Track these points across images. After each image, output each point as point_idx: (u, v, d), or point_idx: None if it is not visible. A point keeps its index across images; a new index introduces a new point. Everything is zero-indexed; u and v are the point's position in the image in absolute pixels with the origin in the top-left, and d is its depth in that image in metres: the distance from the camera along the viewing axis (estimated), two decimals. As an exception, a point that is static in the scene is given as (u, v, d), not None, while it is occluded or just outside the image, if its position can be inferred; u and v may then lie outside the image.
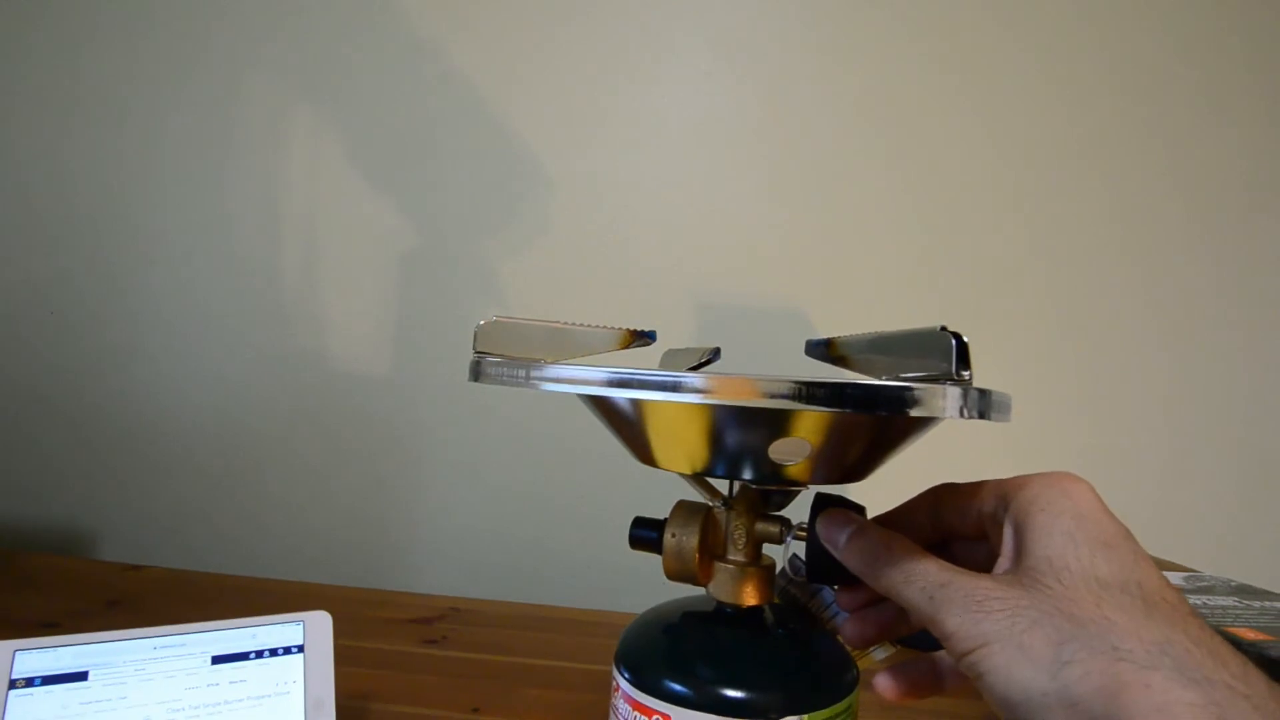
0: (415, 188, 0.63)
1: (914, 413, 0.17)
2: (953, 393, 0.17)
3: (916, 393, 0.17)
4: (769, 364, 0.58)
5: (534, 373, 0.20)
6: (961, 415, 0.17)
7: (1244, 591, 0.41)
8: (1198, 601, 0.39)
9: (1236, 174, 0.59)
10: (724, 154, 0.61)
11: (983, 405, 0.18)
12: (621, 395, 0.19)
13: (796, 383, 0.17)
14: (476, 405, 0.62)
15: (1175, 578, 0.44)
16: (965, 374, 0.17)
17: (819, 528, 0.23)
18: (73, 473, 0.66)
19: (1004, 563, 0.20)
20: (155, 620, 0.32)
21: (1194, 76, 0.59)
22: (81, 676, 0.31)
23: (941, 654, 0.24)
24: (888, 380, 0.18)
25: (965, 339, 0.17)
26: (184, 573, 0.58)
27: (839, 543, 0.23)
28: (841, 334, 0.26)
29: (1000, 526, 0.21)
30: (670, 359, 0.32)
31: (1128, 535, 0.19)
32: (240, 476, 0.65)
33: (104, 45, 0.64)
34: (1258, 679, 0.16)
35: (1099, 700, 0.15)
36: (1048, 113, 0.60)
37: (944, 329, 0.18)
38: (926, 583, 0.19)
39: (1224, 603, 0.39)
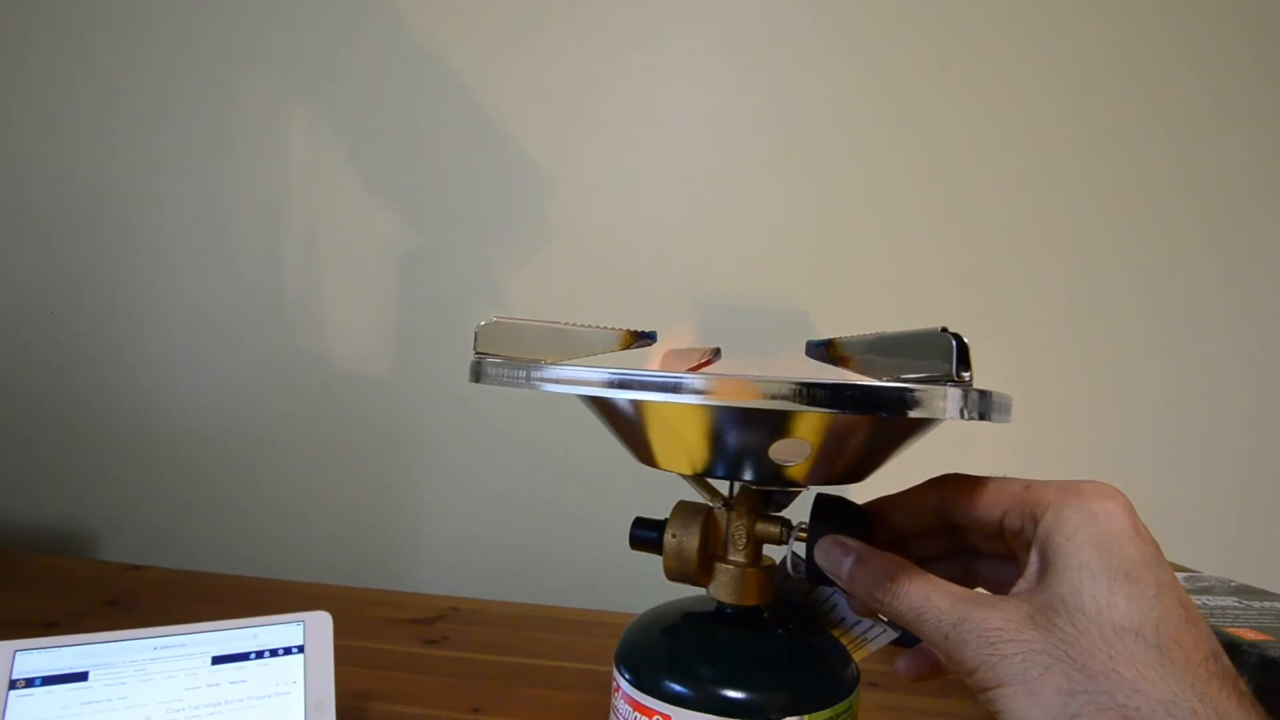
0: (415, 189, 0.63)
1: (914, 414, 0.17)
2: (953, 394, 0.17)
3: (917, 394, 0.17)
4: (770, 365, 0.58)
5: (534, 373, 0.20)
6: (962, 416, 0.17)
7: (1244, 591, 0.41)
8: (1198, 601, 0.39)
9: (1244, 174, 0.59)
10: (724, 154, 0.61)
11: (983, 406, 0.18)
12: (622, 396, 0.19)
13: (797, 384, 0.17)
14: (476, 406, 0.62)
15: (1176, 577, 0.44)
16: (966, 375, 0.18)
17: (818, 559, 0.23)
18: (72, 473, 0.66)
19: (1023, 584, 0.20)
20: (155, 620, 0.32)
21: (1202, 76, 0.59)
22: (82, 677, 0.31)
23: None
24: (888, 381, 0.18)
25: (966, 340, 0.17)
26: (184, 573, 0.58)
27: (841, 573, 0.23)
28: (843, 335, 0.26)
29: (1027, 545, 0.20)
30: (670, 359, 0.32)
31: (1153, 560, 0.18)
32: (240, 477, 0.65)
33: (102, 46, 0.64)
34: None
35: None
36: (1055, 111, 0.59)
37: (944, 330, 0.18)
38: (940, 621, 0.19)
39: (1224, 603, 0.39)
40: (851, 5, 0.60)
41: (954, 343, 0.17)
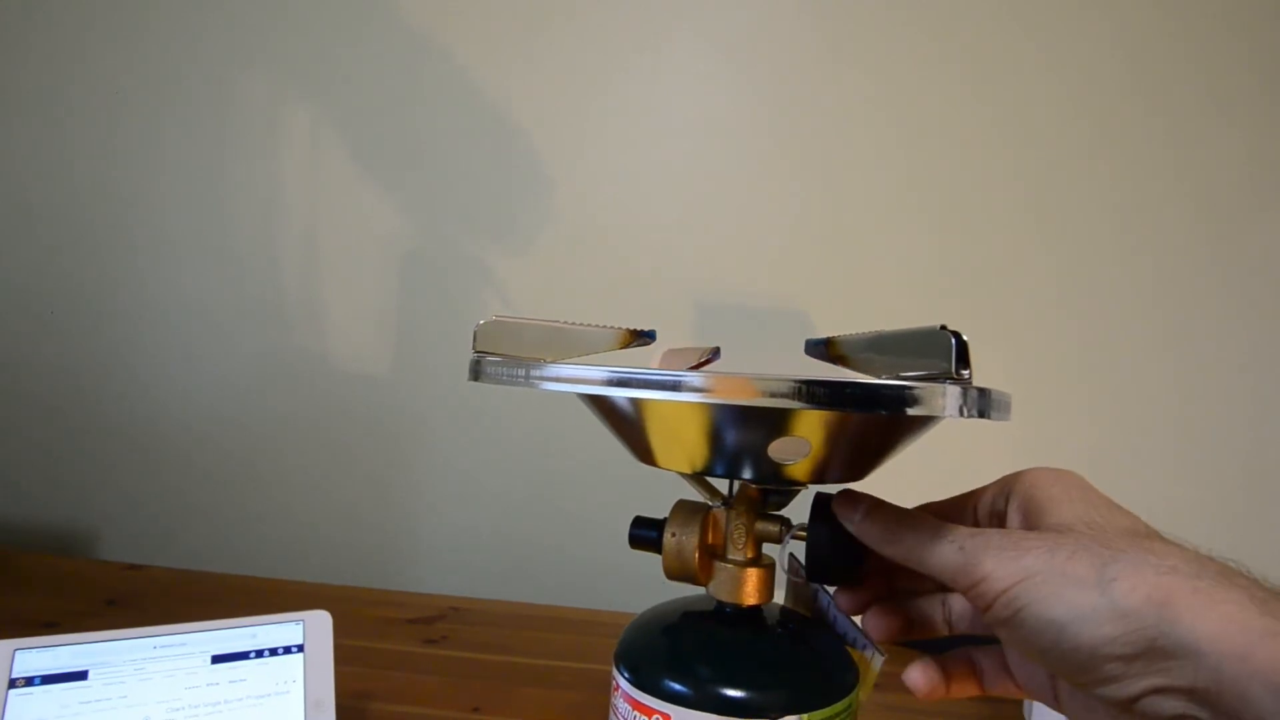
0: (415, 188, 0.63)
1: (913, 412, 0.17)
2: (952, 392, 0.17)
3: (916, 392, 0.17)
4: (769, 364, 0.58)
5: (534, 372, 0.20)
6: (961, 414, 0.17)
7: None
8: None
9: (1243, 173, 0.59)
10: (724, 152, 0.61)
11: (982, 404, 0.18)
12: (621, 394, 0.19)
13: (796, 382, 0.17)
14: (476, 405, 0.62)
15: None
16: (965, 373, 0.18)
17: (837, 507, 0.23)
18: (72, 473, 0.66)
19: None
20: (155, 620, 0.32)
21: (1203, 75, 0.59)
22: (81, 676, 0.31)
23: (977, 651, 0.24)
24: (887, 379, 0.18)
25: (965, 338, 0.17)
26: (184, 572, 0.58)
27: (855, 518, 0.23)
28: (841, 333, 0.26)
29: (1001, 516, 0.21)
30: (670, 358, 0.32)
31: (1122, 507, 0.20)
32: (240, 476, 0.65)
33: (102, 46, 0.64)
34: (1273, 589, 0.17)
35: (1149, 608, 0.16)
36: (1054, 111, 0.59)
37: (944, 328, 0.18)
38: (957, 536, 0.20)
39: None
40: (852, 6, 0.60)
41: (953, 340, 0.17)
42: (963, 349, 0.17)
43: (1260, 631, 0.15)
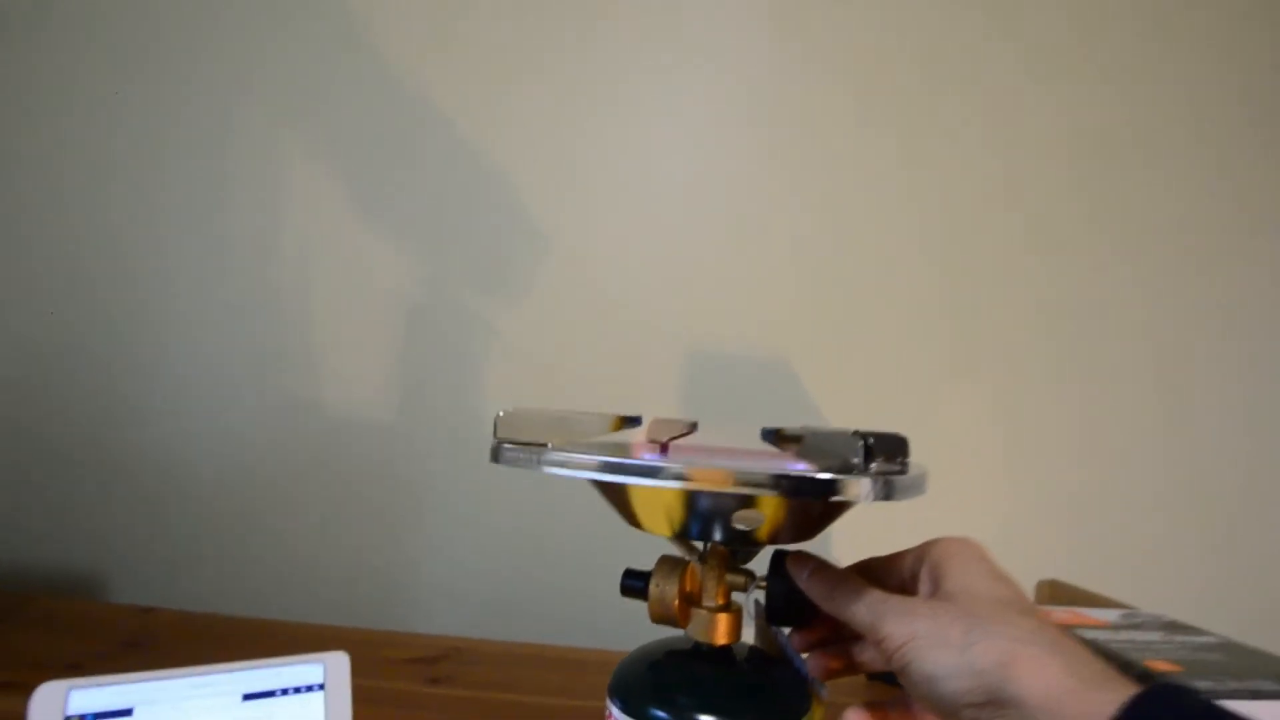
0: (419, 240, 0.66)
1: (835, 499, 0.22)
2: (865, 482, 0.23)
3: (836, 483, 0.22)
4: (755, 416, 0.63)
5: (542, 457, 0.25)
6: (872, 500, 0.23)
7: (1172, 627, 0.46)
8: (1124, 637, 0.44)
9: (1236, 199, 0.63)
10: (718, 207, 0.65)
11: (888, 491, 0.23)
12: (613, 480, 0.24)
13: (745, 473, 0.22)
14: (477, 453, 0.65)
15: (1112, 614, 0.49)
16: (872, 467, 0.23)
17: (789, 565, 0.29)
18: (83, 518, 0.68)
19: (923, 594, 0.26)
20: (171, 661, 0.36)
21: (1196, 120, 0.63)
22: (127, 713, 0.34)
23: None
24: (816, 471, 0.23)
25: (871, 441, 0.23)
26: (196, 615, 0.60)
27: (803, 576, 0.28)
28: (787, 426, 0.32)
29: (917, 577, 0.27)
30: (656, 427, 0.37)
31: (1006, 575, 0.26)
32: (248, 521, 0.67)
33: (99, 64, 0.66)
34: (1091, 654, 0.22)
35: (995, 668, 0.22)
36: (1049, 146, 0.63)
37: (856, 433, 0.23)
38: (870, 600, 0.25)
39: (1149, 638, 0.44)
40: (846, 59, 0.64)
41: (861, 444, 0.23)
42: (869, 450, 0.23)
43: (1067, 690, 0.20)
